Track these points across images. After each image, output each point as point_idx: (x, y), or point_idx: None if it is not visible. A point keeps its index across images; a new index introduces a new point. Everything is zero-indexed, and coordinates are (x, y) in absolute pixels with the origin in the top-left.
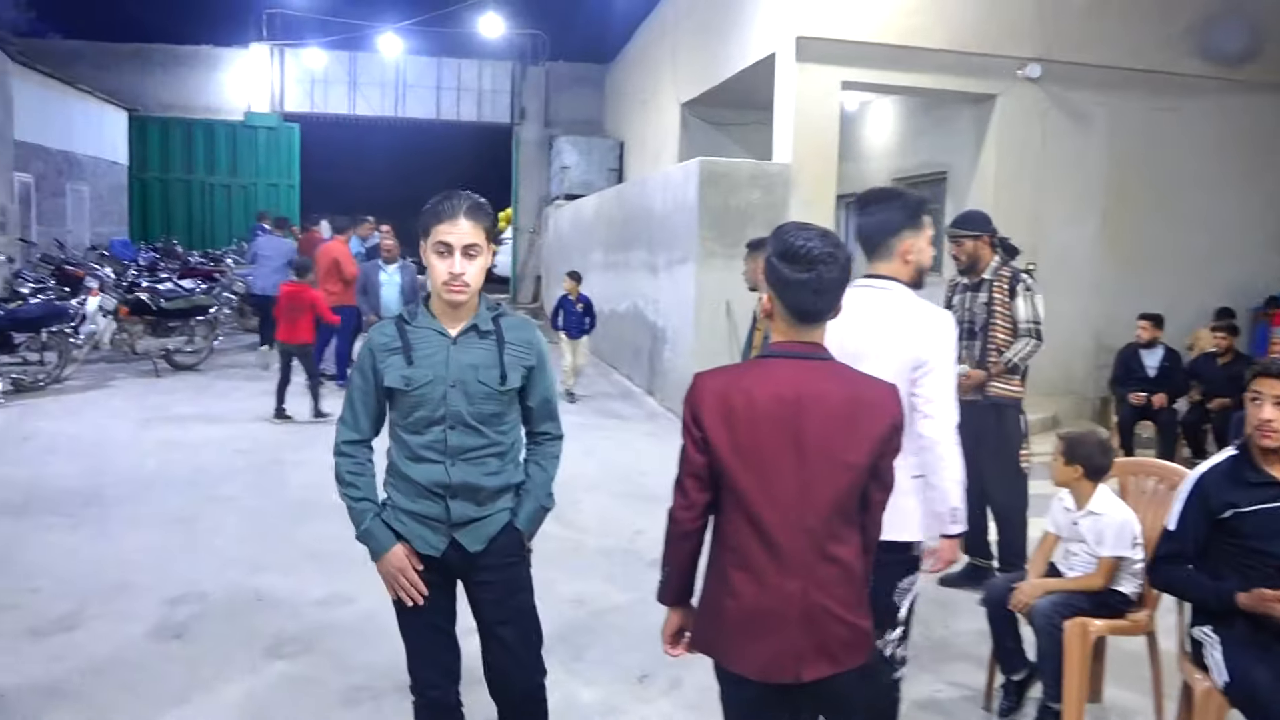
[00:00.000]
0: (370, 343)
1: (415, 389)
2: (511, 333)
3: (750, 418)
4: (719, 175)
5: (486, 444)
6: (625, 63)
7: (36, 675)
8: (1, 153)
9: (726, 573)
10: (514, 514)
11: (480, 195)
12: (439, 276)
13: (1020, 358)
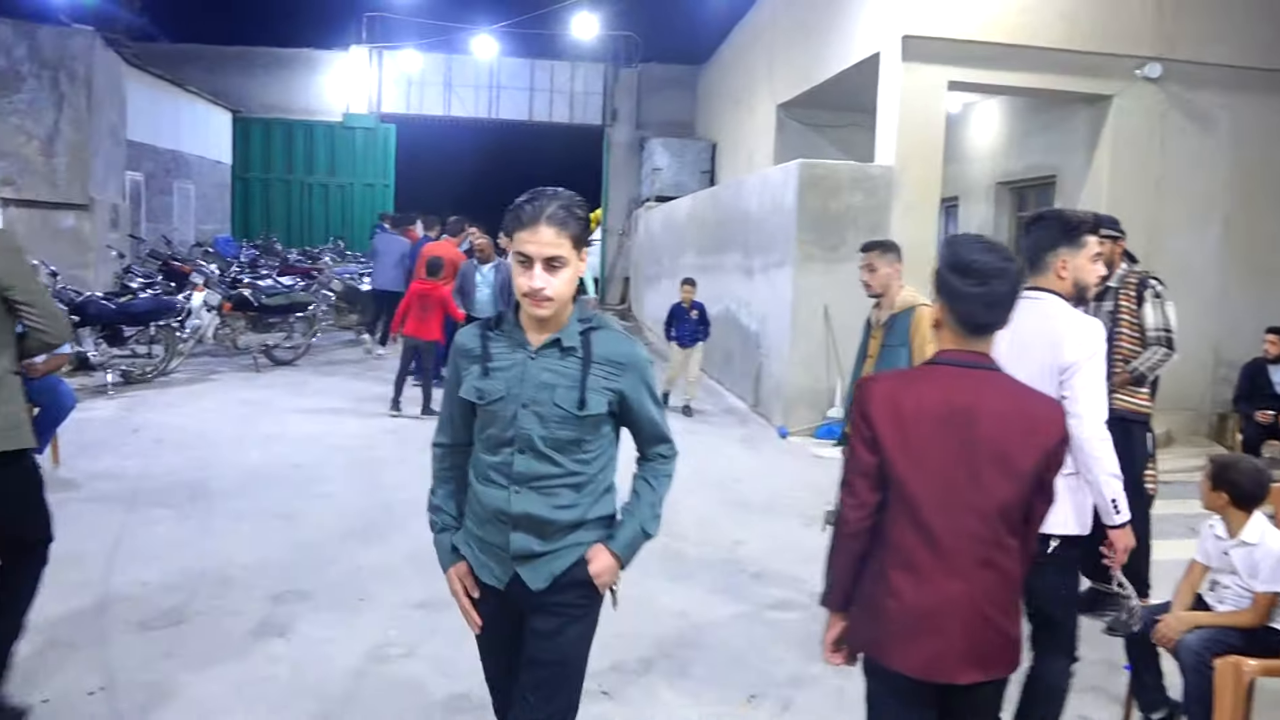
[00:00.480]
0: (457, 345)
1: (487, 404)
2: (602, 349)
3: (920, 422)
4: (819, 177)
5: (560, 473)
6: (719, 64)
7: (145, 670)
8: (115, 152)
9: (887, 573)
10: (611, 537)
11: (579, 195)
12: (519, 287)
13: (1148, 368)
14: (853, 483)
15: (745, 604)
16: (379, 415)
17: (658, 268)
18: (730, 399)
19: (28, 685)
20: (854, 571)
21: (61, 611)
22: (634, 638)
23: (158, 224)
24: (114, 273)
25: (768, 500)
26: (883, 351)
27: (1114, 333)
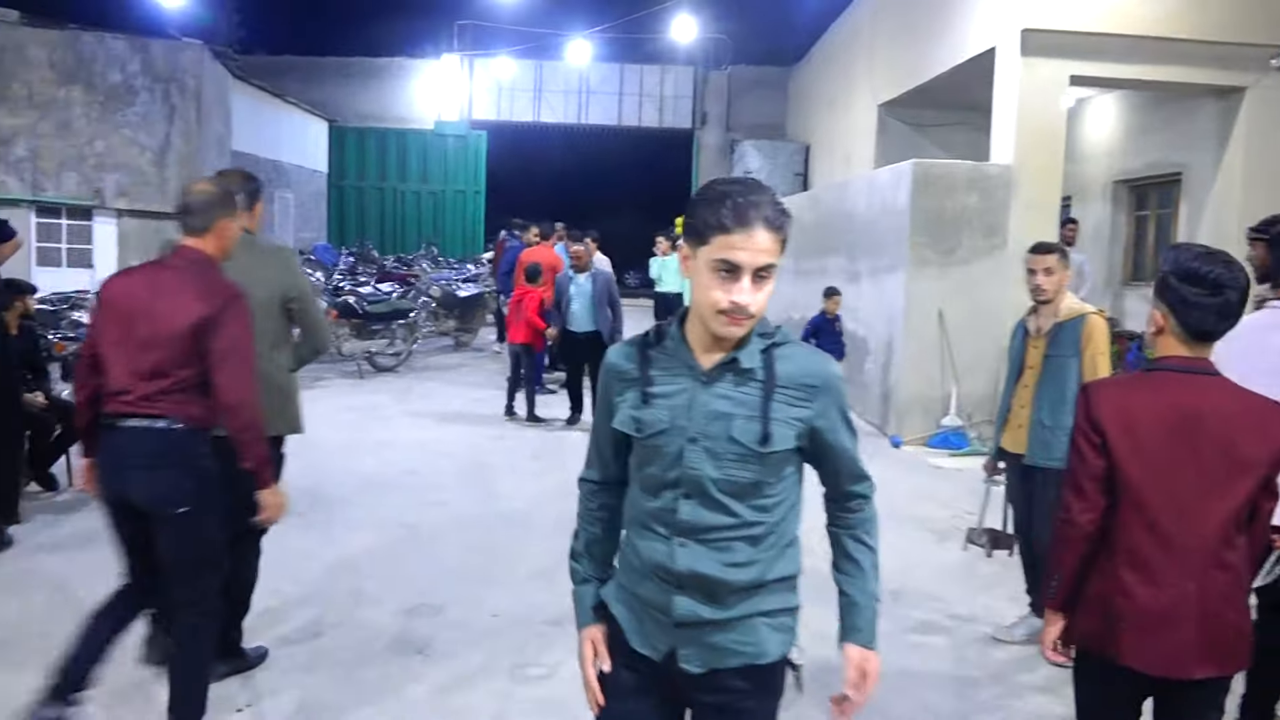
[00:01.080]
0: (608, 365)
1: (646, 437)
2: (788, 370)
3: (1151, 427)
4: (933, 178)
5: (735, 524)
6: (813, 64)
7: (290, 687)
8: (221, 163)
9: (1118, 573)
10: (849, 629)
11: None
12: (714, 302)
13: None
14: (1083, 486)
15: (888, 625)
16: (485, 420)
17: None
18: None
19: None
20: (1081, 570)
21: None
22: None
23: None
24: None
25: (891, 513)
26: (1048, 362)
27: None
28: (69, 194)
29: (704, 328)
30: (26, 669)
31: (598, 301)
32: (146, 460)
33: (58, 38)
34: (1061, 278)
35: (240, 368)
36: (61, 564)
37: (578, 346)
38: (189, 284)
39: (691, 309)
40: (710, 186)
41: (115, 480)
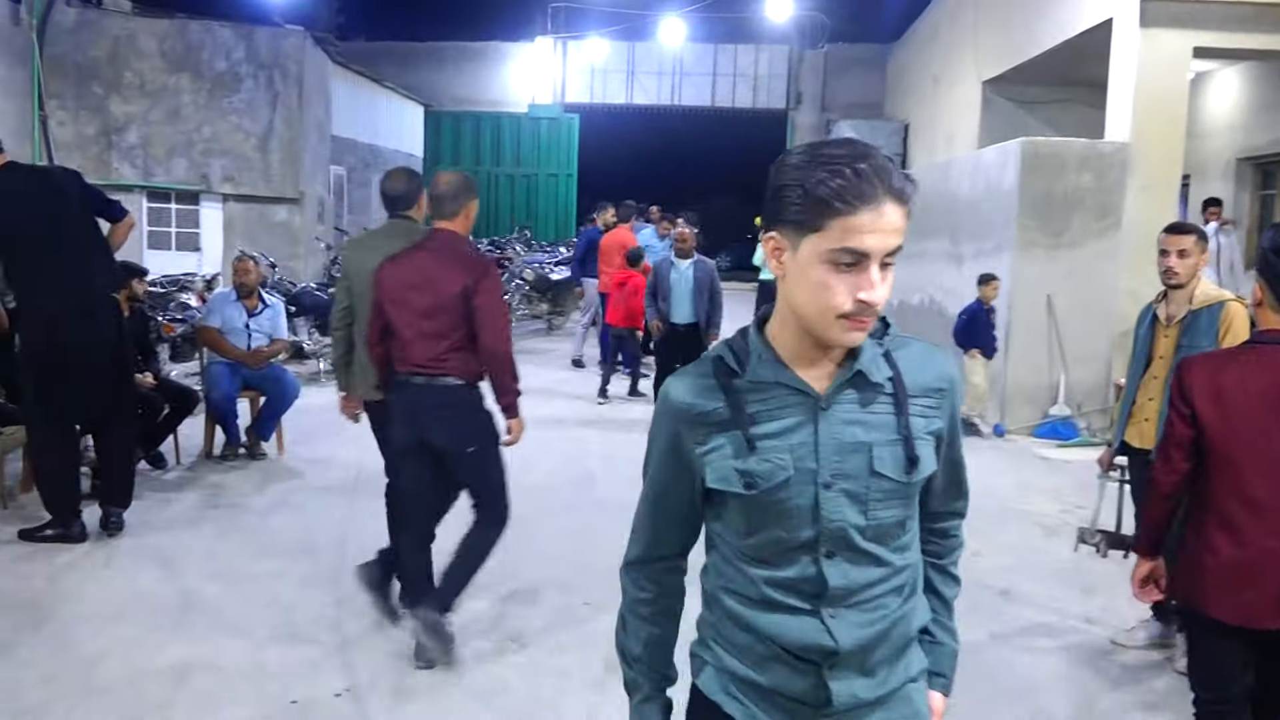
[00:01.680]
0: (671, 404)
1: (763, 492)
2: (914, 372)
3: (1243, 397)
4: (1044, 157)
5: (886, 575)
6: (913, 41)
7: (386, 672)
8: (321, 148)
9: (1206, 532)
10: (933, 675)
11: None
12: (832, 304)
13: None
14: (1169, 453)
15: (998, 625)
16: (579, 404)
17: None
18: None
19: (279, 683)
20: (1166, 524)
21: (301, 604)
22: None
23: (357, 216)
24: (322, 264)
25: (998, 507)
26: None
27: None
28: (178, 179)
29: (807, 337)
30: (140, 646)
31: (699, 289)
32: (441, 410)
33: (167, 27)
34: (1197, 261)
35: (498, 323)
36: (169, 542)
37: (677, 340)
38: (452, 259)
39: (781, 314)
40: (813, 154)
41: (414, 426)
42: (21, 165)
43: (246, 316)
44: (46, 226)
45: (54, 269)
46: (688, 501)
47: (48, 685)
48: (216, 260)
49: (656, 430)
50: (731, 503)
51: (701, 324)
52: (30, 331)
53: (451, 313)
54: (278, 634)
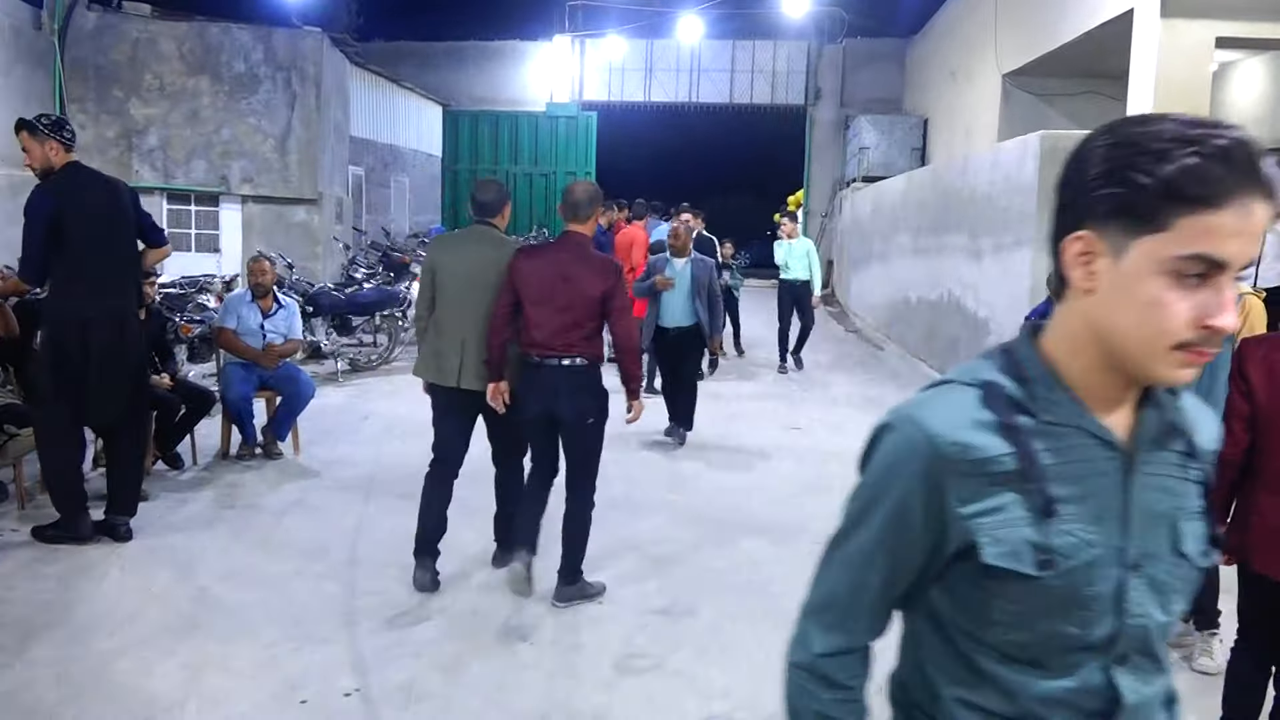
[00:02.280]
0: (925, 443)
1: (1060, 574)
2: (1196, 429)
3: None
4: (1064, 150)
5: (1166, 687)
6: (932, 35)
7: (397, 671)
8: (340, 149)
9: (1257, 495)
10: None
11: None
12: (1169, 326)
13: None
14: (1230, 426)
15: None
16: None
17: (866, 251)
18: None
19: (290, 683)
20: (1229, 494)
21: (314, 604)
22: (894, 657)
23: (376, 216)
24: (340, 264)
25: None
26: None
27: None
28: (197, 181)
29: (1112, 371)
30: (153, 646)
31: (695, 291)
32: (570, 388)
33: (186, 30)
34: None
35: (628, 318)
36: (185, 542)
37: (669, 345)
38: (589, 262)
39: (1073, 337)
40: (1155, 127)
41: (544, 401)
42: (87, 167)
43: (262, 317)
44: (102, 231)
45: (99, 273)
46: (912, 577)
47: (61, 685)
48: (236, 261)
49: (883, 479)
50: (1004, 585)
51: (704, 328)
52: (61, 330)
53: (587, 309)
54: (290, 634)
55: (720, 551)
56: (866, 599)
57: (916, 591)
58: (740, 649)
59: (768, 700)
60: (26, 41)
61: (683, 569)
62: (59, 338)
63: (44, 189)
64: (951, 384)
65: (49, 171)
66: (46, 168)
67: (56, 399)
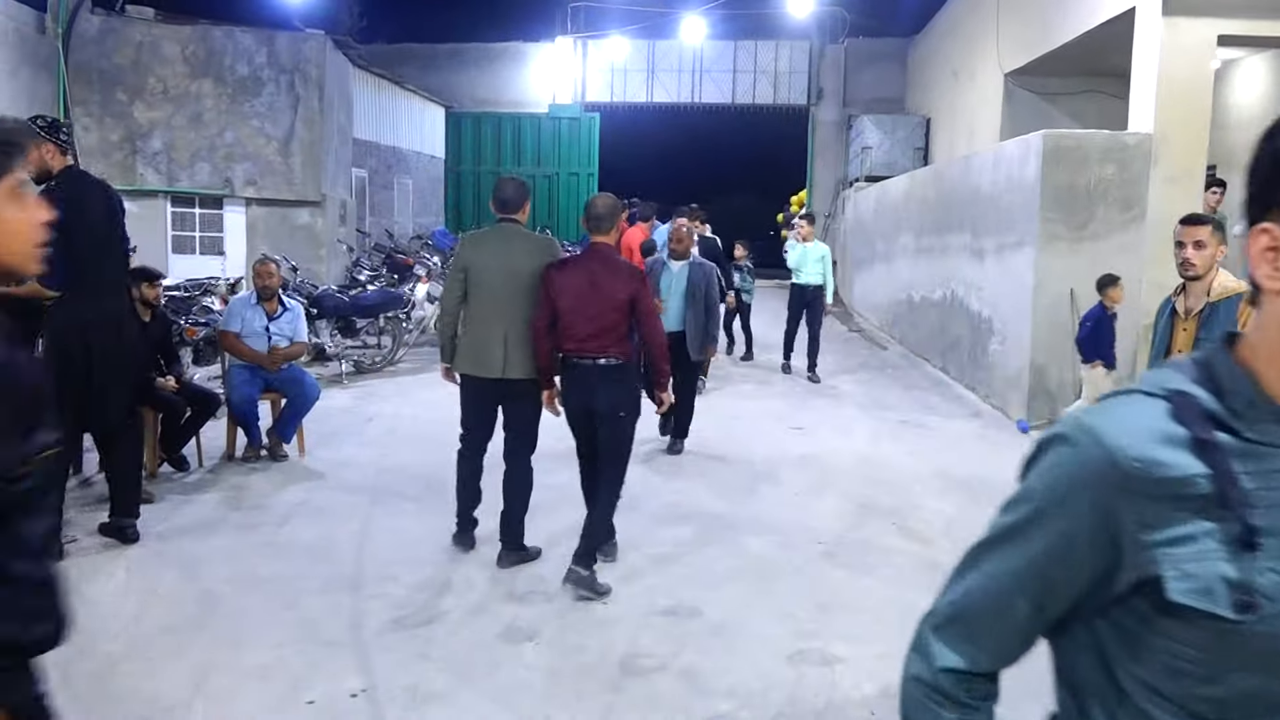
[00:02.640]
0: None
1: (1264, 620)
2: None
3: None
4: (1066, 149)
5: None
6: (934, 34)
7: (403, 672)
8: (343, 151)
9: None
10: None
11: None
12: None
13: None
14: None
15: None
16: None
17: (869, 251)
18: (958, 389)
19: (296, 684)
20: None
21: (320, 605)
22: (900, 659)
23: (380, 218)
24: (344, 266)
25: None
26: (1198, 346)
27: None
28: (201, 184)
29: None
30: (159, 647)
31: (691, 295)
32: (605, 383)
33: (189, 33)
34: (1214, 253)
35: (653, 320)
36: (191, 545)
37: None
38: (616, 271)
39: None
40: None
41: (584, 395)
42: (83, 170)
43: (266, 320)
44: (101, 236)
45: (98, 277)
46: (1066, 606)
47: (66, 686)
48: (240, 264)
49: (1049, 494)
50: (1191, 629)
51: (691, 336)
52: (65, 335)
53: (616, 313)
54: (296, 635)
55: (724, 551)
56: (1007, 623)
57: (1074, 624)
58: (745, 649)
59: (773, 700)
60: (31, 45)
61: (686, 569)
62: (63, 343)
63: (50, 195)
64: (1134, 394)
65: (45, 175)
66: (43, 171)
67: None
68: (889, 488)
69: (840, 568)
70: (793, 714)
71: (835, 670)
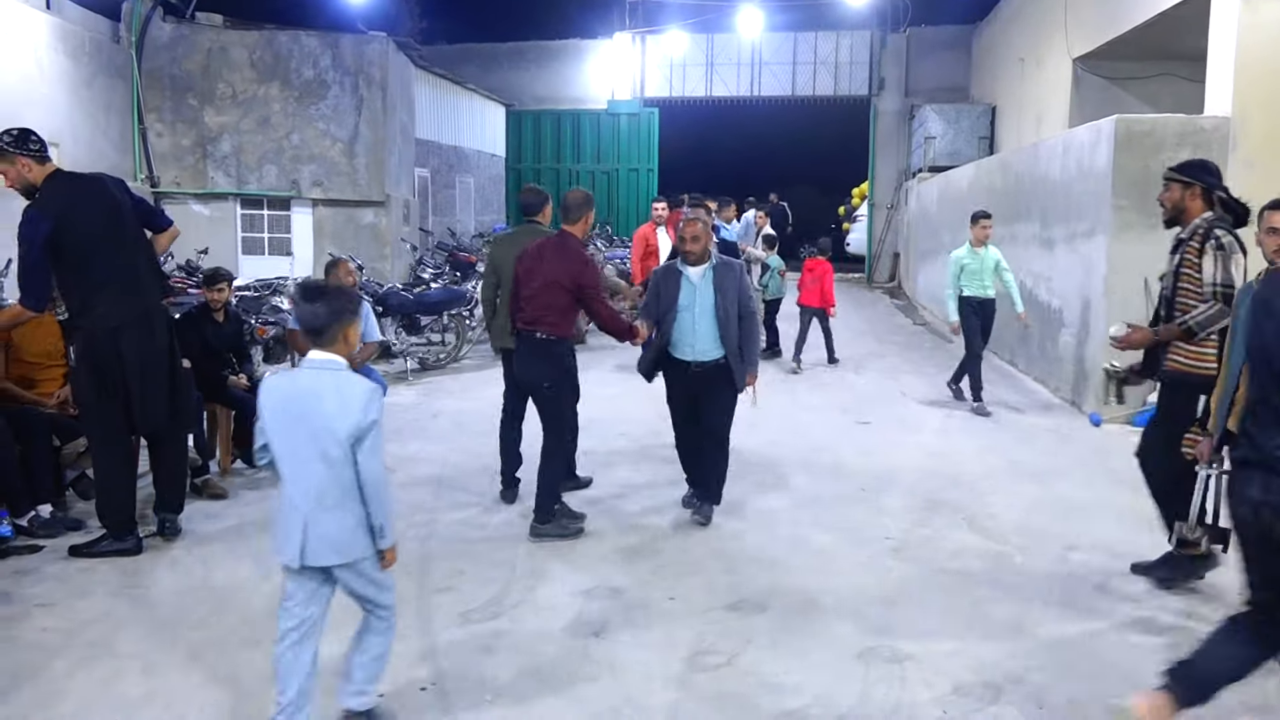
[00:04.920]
0: None
1: None
2: None
3: None
4: (1139, 135)
5: None
6: (999, 20)
7: (470, 666)
8: (406, 151)
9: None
10: None
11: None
12: None
13: (1198, 322)
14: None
15: (1096, 621)
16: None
17: (934, 242)
18: (1027, 382)
19: None
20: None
21: None
22: (971, 656)
23: (442, 217)
24: (407, 264)
25: (1093, 499)
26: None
27: (1175, 287)
28: (269, 186)
29: None
30: (236, 640)
31: (722, 310)
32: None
33: (257, 38)
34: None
35: (599, 305)
36: (264, 538)
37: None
38: (564, 257)
39: None
40: None
41: (519, 365)
42: (70, 172)
43: None
44: (105, 235)
45: (112, 278)
46: None
47: (150, 677)
48: (307, 264)
49: None
50: None
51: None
52: (93, 343)
53: (554, 291)
54: None
55: (789, 547)
56: None
57: None
58: (812, 646)
59: (842, 697)
60: (106, 54)
61: (751, 565)
62: (93, 354)
63: (37, 209)
64: None
65: (31, 188)
66: (27, 185)
67: (101, 413)
68: (958, 483)
69: (908, 563)
70: (863, 712)
71: (905, 667)
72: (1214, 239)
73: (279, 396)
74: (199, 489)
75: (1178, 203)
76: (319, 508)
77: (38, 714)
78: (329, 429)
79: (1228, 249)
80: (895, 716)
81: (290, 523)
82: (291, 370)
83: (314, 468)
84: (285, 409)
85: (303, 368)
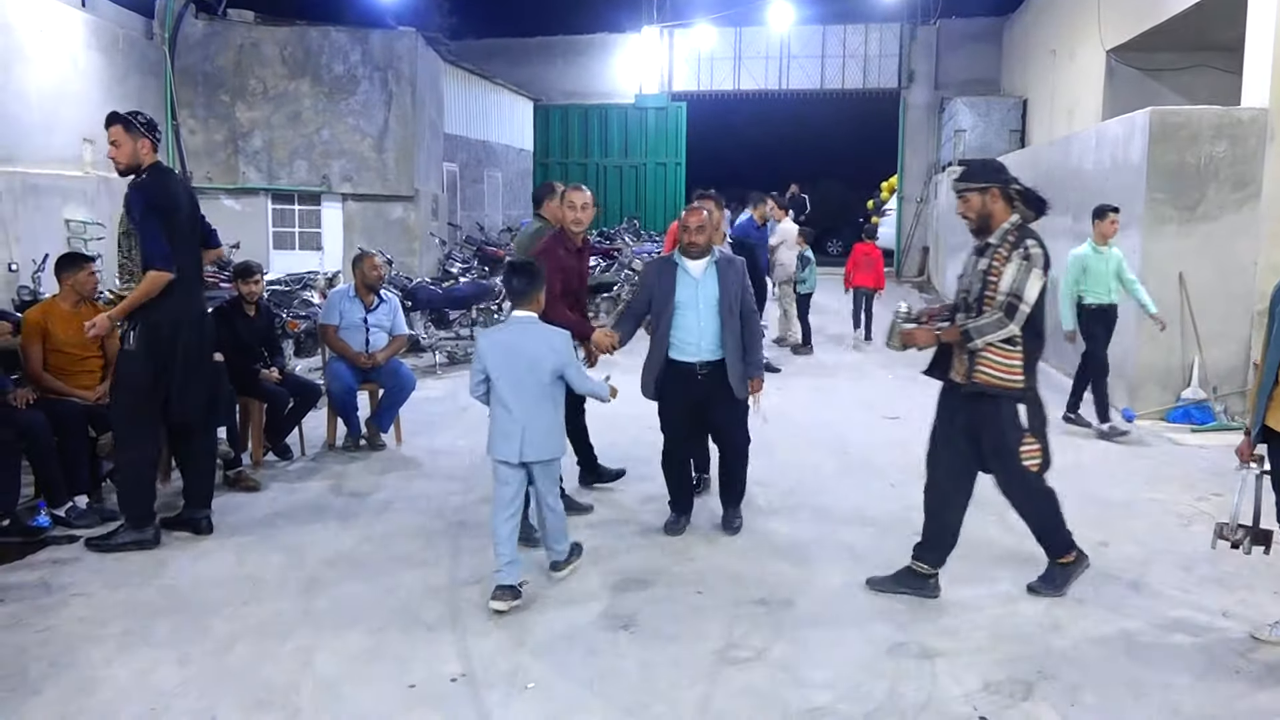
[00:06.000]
0: None
1: None
2: None
3: None
4: (1174, 127)
5: None
6: (1031, 12)
7: (500, 658)
8: (435, 146)
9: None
10: None
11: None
12: None
13: (976, 329)
14: None
15: (1128, 620)
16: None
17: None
18: (1058, 377)
19: (398, 667)
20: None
21: (420, 591)
22: (1002, 653)
23: (470, 211)
24: (436, 259)
25: (1127, 496)
26: None
27: (984, 294)
28: (300, 181)
29: None
30: (268, 631)
31: (724, 307)
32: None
33: (287, 34)
34: None
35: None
36: (295, 529)
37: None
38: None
39: None
40: None
41: None
42: (169, 168)
43: (364, 312)
44: (188, 232)
45: (185, 274)
46: None
47: (183, 667)
48: (337, 258)
49: None
50: None
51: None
52: (157, 334)
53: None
54: (397, 619)
55: (818, 542)
56: None
57: None
58: (841, 641)
59: (872, 693)
60: (139, 51)
61: (779, 560)
62: (154, 340)
63: (148, 185)
64: None
65: (134, 168)
66: (133, 165)
67: (146, 402)
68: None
69: None
70: (892, 708)
71: (935, 664)
72: (1023, 248)
73: (500, 342)
74: (231, 481)
75: (981, 210)
76: (534, 418)
77: (75, 702)
78: (540, 364)
79: (1033, 261)
80: (925, 713)
81: (510, 432)
82: (501, 325)
83: (530, 391)
84: (506, 351)
85: (511, 321)
